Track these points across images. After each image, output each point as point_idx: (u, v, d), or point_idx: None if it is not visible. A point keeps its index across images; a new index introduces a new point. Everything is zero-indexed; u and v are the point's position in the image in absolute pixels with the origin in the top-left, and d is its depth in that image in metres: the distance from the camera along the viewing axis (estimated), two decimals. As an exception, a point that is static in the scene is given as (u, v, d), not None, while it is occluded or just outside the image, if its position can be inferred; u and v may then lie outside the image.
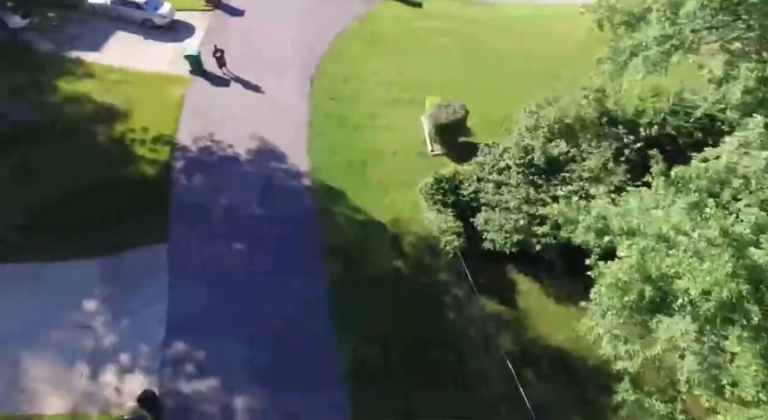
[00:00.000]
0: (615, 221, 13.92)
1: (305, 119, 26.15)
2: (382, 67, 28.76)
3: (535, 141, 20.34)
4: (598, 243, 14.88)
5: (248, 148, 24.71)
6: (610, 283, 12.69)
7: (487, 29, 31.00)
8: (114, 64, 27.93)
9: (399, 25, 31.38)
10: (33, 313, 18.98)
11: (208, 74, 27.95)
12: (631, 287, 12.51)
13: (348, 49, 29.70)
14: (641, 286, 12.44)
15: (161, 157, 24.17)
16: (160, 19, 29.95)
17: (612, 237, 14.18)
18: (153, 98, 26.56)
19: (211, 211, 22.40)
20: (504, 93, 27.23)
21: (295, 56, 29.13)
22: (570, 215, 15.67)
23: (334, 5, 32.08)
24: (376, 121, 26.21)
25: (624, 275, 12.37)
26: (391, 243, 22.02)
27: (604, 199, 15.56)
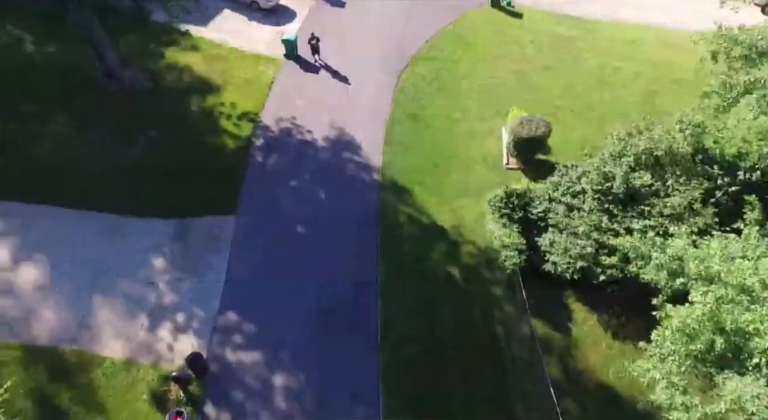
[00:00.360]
0: (692, 264, 12.87)
1: (386, 115, 26.18)
2: (470, 72, 28.29)
3: (618, 169, 19.25)
4: (669, 284, 13.89)
5: (326, 135, 25.06)
6: (677, 328, 11.78)
7: (583, 48, 29.73)
8: (216, 40, 29.17)
9: (494, 33, 30.72)
10: (108, 262, 20.17)
11: (300, 59, 28.62)
12: (700, 336, 11.58)
13: (439, 52, 29.43)
14: (712, 337, 11.47)
15: (244, 133, 24.98)
16: (266, 3, 30.92)
17: (686, 280, 13.15)
18: (246, 76, 27.50)
19: (280, 192, 22.89)
20: (591, 115, 26.12)
21: (386, 52, 29.24)
22: (642, 250, 14.71)
23: (432, 7, 31.88)
24: (456, 125, 25.82)
25: (694, 322, 11.43)
26: (449, 249, 21.62)
27: (684, 239, 14.41)
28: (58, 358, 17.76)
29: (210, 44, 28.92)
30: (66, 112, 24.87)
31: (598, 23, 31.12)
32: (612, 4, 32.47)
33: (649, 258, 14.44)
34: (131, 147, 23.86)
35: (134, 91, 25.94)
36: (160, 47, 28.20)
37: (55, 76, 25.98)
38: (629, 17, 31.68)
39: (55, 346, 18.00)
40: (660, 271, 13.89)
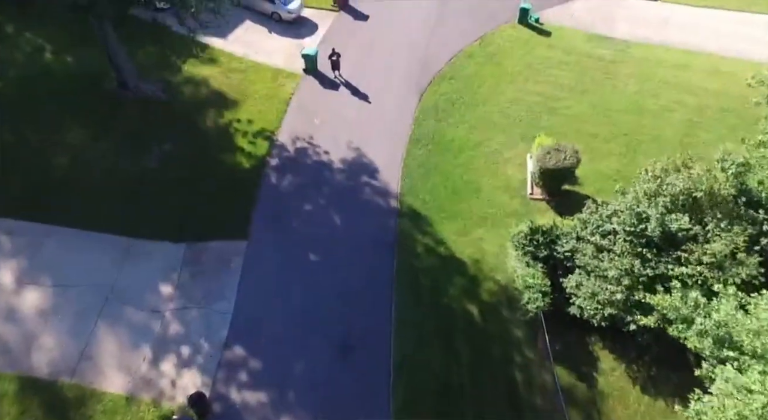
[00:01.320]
0: (745, 338, 11.24)
1: (406, 136, 24.69)
2: (496, 93, 26.63)
3: (653, 209, 17.52)
4: (716, 353, 12.24)
5: (343, 157, 23.68)
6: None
7: (616, 71, 27.75)
8: (236, 53, 27.95)
9: (521, 51, 28.98)
10: (115, 287, 19.12)
11: (320, 75, 27.22)
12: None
13: (464, 70, 27.80)
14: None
15: (259, 151, 23.71)
16: (287, 14, 29.60)
17: (737, 355, 11.51)
18: (264, 91, 26.23)
19: (293, 216, 21.60)
20: (624, 144, 24.23)
21: (409, 69, 27.71)
22: (683, 312, 13.07)
23: (458, 22, 30.25)
24: (478, 149, 24.22)
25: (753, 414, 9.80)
26: (468, 284, 20.12)
27: (731, 301, 12.74)
28: (56, 393, 16.73)
29: (229, 57, 27.71)
30: (79, 123, 23.92)
31: (637, 45, 28.95)
32: (652, 25, 30.31)
33: (691, 321, 12.81)
34: (143, 163, 22.77)
35: (149, 103, 24.88)
36: (177, 59, 27.07)
37: (72, 85, 25.00)
38: (671, 39, 29.42)
39: (55, 380, 16.97)
40: (704, 338, 12.27)
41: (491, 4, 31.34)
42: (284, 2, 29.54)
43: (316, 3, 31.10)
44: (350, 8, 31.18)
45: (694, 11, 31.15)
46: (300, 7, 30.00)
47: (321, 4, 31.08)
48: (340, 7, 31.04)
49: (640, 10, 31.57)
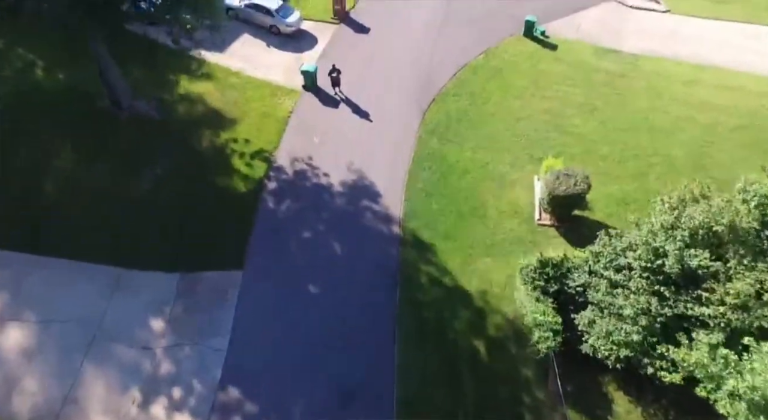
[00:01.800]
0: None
1: (409, 157, 23.44)
2: (502, 111, 25.37)
3: (670, 244, 16.28)
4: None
5: (343, 179, 22.45)
6: None
7: (624, 86, 26.49)
8: (233, 68, 26.68)
9: (527, 65, 27.70)
10: (103, 323, 17.92)
11: (320, 91, 25.95)
12: None
13: (468, 85, 26.51)
14: None
15: (256, 174, 22.48)
16: (286, 28, 28.33)
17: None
18: (262, 109, 24.99)
19: (291, 244, 20.38)
20: (635, 165, 22.95)
21: (412, 85, 26.44)
22: (713, 370, 11.87)
23: (462, 35, 28.97)
24: (484, 170, 22.97)
25: None
26: (475, 318, 18.92)
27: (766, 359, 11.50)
28: (37, 442, 15.63)
29: (225, 72, 26.45)
30: (69, 144, 22.73)
31: (645, 59, 27.66)
32: (660, 38, 28.95)
33: (721, 379, 11.62)
34: (136, 186, 21.56)
35: (143, 122, 23.62)
36: (172, 75, 25.80)
37: (63, 103, 23.76)
38: (679, 52, 28.07)
39: (36, 427, 15.85)
40: (737, 401, 11.09)
41: (496, 17, 30.08)
42: (283, 15, 28.30)
43: (316, 15, 29.84)
44: (351, 20, 29.90)
45: (702, 23, 29.86)
46: (299, 20, 28.75)
47: (321, 16, 29.82)
48: (340, 20, 29.75)
49: (647, 22, 30.28)
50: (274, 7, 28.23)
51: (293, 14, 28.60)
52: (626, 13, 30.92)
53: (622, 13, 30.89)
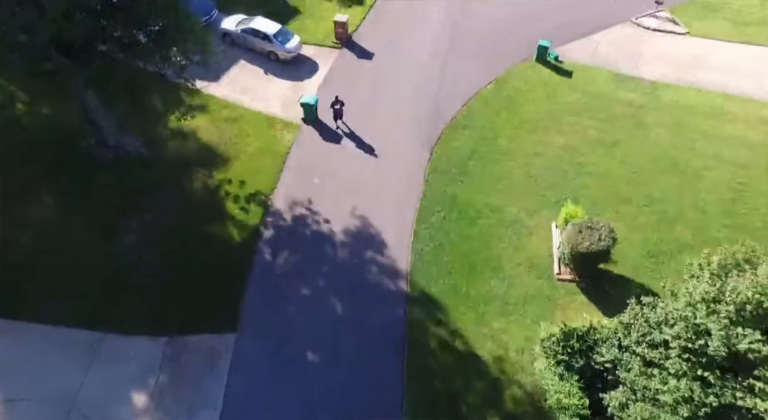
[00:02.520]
0: None
1: (416, 199, 21.27)
2: (514, 147, 23.12)
3: (714, 321, 14.10)
4: None
5: (346, 226, 20.30)
6: None
7: (650, 119, 24.14)
8: (228, 98, 24.49)
9: (541, 94, 25.46)
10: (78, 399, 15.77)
11: (320, 125, 23.76)
12: None
13: (479, 117, 24.30)
14: None
15: (252, 220, 20.34)
16: (285, 54, 26.06)
17: None
18: (258, 144, 22.80)
19: (289, 303, 18.23)
20: (661, 212, 20.65)
21: (419, 117, 24.21)
22: None
23: (471, 61, 26.70)
24: (498, 216, 20.76)
25: None
26: (490, 389, 16.77)
27: None
28: None
29: (220, 104, 24.26)
30: (48, 190, 20.51)
31: (667, 87, 25.36)
32: (681, 64, 26.66)
33: None
34: (121, 236, 19.41)
35: (130, 163, 21.41)
36: (163, 107, 23.67)
37: (43, 142, 21.53)
38: (704, 80, 25.73)
39: None
40: None
41: (506, 40, 27.82)
42: (282, 41, 26.06)
43: (317, 39, 27.64)
44: (353, 45, 27.65)
45: (729, 47, 27.53)
46: (298, 46, 26.50)
47: (322, 40, 27.60)
48: (342, 44, 27.53)
49: (667, 45, 27.99)
50: (272, 32, 26.03)
51: (292, 39, 26.40)
52: (644, 36, 28.62)
53: (639, 36, 28.59)
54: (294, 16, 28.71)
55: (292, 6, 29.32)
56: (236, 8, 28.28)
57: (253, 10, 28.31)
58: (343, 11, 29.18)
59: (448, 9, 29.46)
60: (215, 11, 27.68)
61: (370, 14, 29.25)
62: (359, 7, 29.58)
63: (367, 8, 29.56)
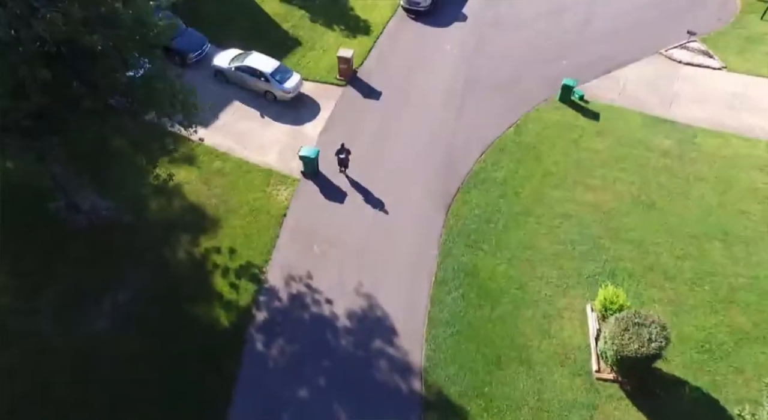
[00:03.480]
0: None
1: (430, 272, 17.98)
2: (539, 205, 19.75)
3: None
4: None
5: (350, 308, 17.03)
6: None
7: (685, 172, 20.75)
8: (219, 146, 21.20)
9: (566, 141, 22.09)
10: None
11: (322, 179, 20.48)
12: None
13: (498, 169, 20.95)
14: None
15: (242, 300, 17.10)
16: (283, 94, 22.70)
17: None
18: (252, 203, 19.53)
19: (284, 408, 14.92)
20: (713, 291, 17.29)
21: (432, 168, 20.86)
22: None
23: (488, 102, 23.30)
24: (524, 292, 17.48)
25: None
26: None
27: None
28: None
29: (210, 153, 20.97)
30: (7, 268, 17.13)
31: (707, 133, 21.97)
32: (720, 104, 23.24)
33: None
34: (90, 323, 16.14)
35: (104, 230, 18.07)
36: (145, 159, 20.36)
37: (7, 205, 17.83)
38: (751, 126, 22.26)
39: None
40: None
41: (525, 78, 24.45)
42: (280, 80, 22.67)
43: (318, 75, 24.31)
44: (358, 82, 24.26)
45: None
46: (298, 84, 23.11)
47: (324, 76, 24.27)
48: (346, 81, 24.22)
49: (701, 82, 24.57)
50: (268, 70, 22.69)
51: (292, 78, 23.03)
52: (675, 70, 25.23)
53: (670, 70, 25.20)
54: (294, 48, 25.42)
55: (292, 36, 26.03)
56: (231, 40, 25.03)
57: (249, 41, 25.06)
58: (347, 42, 25.92)
59: (461, 42, 26.10)
60: (207, 45, 24.33)
61: (377, 46, 25.93)
62: (365, 38, 26.28)
63: (373, 39, 26.24)
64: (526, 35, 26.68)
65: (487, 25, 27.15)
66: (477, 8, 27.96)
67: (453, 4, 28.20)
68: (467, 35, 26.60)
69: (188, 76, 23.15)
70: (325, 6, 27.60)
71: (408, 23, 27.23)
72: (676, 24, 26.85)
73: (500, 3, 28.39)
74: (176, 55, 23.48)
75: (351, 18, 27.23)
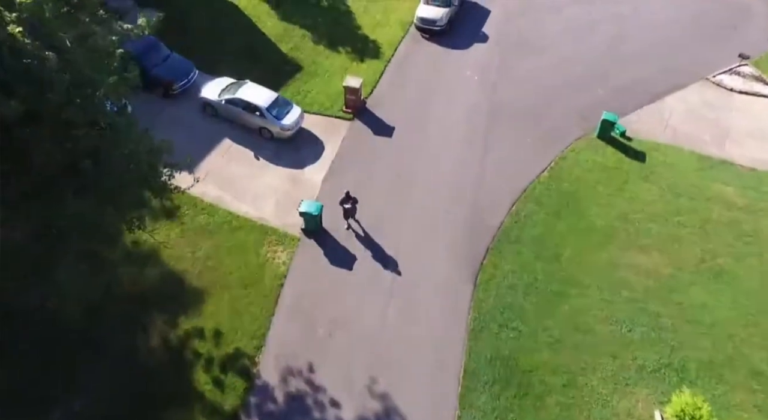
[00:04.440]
0: None
1: (458, 363, 14.17)
2: (583, 272, 15.93)
3: None
4: None
5: (361, 414, 13.33)
6: None
7: (757, 229, 16.96)
8: (206, 195, 17.44)
9: (609, 188, 18.30)
10: None
11: (325, 237, 16.72)
12: None
13: (533, 226, 17.13)
14: None
15: (228, 402, 13.30)
16: (281, 132, 18.94)
17: None
18: (242, 271, 15.76)
19: None
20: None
21: (457, 224, 17.07)
22: None
23: (516, 139, 19.50)
24: (573, 391, 13.65)
25: None
26: None
27: None
28: None
29: (195, 205, 17.21)
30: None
31: (779, 180, 18.39)
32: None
33: None
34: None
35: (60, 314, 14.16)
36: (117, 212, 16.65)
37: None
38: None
39: None
40: None
41: (556, 110, 20.58)
42: (277, 115, 18.86)
43: (322, 106, 20.50)
44: (368, 114, 20.39)
45: None
46: (299, 119, 19.28)
47: (328, 108, 20.44)
48: (354, 114, 20.50)
49: (758, 113, 20.65)
50: (264, 104, 18.84)
51: (291, 112, 19.22)
52: (726, 100, 21.37)
53: (720, 100, 21.34)
54: (294, 74, 21.59)
55: (291, 60, 22.21)
56: (222, 65, 21.25)
57: (243, 65, 21.30)
58: (354, 67, 22.11)
59: (482, 66, 22.25)
60: (195, 72, 20.55)
61: (387, 71, 22.09)
62: (374, 61, 22.45)
63: (384, 63, 22.39)
64: (553, 57, 22.87)
65: (511, 46, 23.36)
66: (498, 26, 24.15)
67: (471, 22, 24.38)
68: (488, 58, 22.80)
69: (172, 109, 19.74)
70: (328, 24, 23.80)
71: (422, 44, 23.45)
72: (720, 43, 23.00)
73: (522, 19, 24.59)
74: (158, 86, 19.83)
75: (358, 38, 23.45)
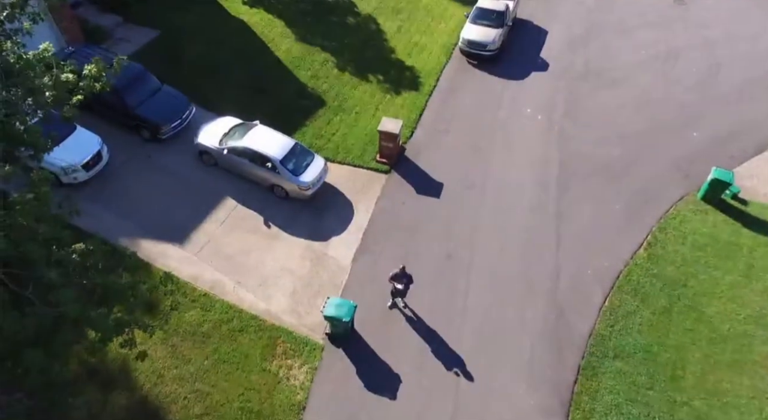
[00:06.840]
0: None
1: None
2: (719, 407, 10.77)
3: None
4: None
5: None
6: None
7: None
8: (200, 280, 12.39)
9: (729, 273, 13.03)
10: None
11: (358, 346, 11.51)
12: None
13: (636, 332, 11.86)
14: None
15: None
16: (299, 191, 13.79)
17: None
18: (245, 396, 10.67)
19: None
20: None
21: (533, 330, 11.88)
22: None
23: (597, 201, 14.30)
24: None
25: None
26: None
27: None
28: None
29: (187, 294, 12.12)
30: None
31: None
32: None
33: None
34: None
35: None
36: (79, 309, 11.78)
37: None
38: None
39: None
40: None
41: (644, 159, 15.36)
42: (294, 170, 13.75)
43: (352, 154, 15.34)
44: (408, 165, 15.20)
45: None
46: (322, 174, 14.08)
47: (358, 157, 15.28)
48: (391, 166, 15.30)
49: None
50: (278, 155, 13.69)
51: (312, 165, 14.00)
52: None
53: None
54: (315, 110, 16.49)
55: (311, 92, 17.09)
56: (225, 99, 16.17)
57: (251, 98, 16.24)
58: (388, 99, 16.98)
59: (546, 104, 17.02)
60: (191, 109, 15.42)
61: (429, 107, 16.94)
62: (413, 94, 17.28)
63: (425, 96, 17.20)
64: (630, 92, 17.69)
65: (577, 77, 18.15)
66: (559, 52, 18.96)
67: (526, 45, 19.21)
68: (551, 91, 17.61)
69: (160, 157, 14.79)
70: (355, 46, 18.72)
71: (470, 72, 18.30)
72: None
73: (589, 45, 19.34)
74: (144, 128, 14.85)
75: (392, 64, 18.33)
